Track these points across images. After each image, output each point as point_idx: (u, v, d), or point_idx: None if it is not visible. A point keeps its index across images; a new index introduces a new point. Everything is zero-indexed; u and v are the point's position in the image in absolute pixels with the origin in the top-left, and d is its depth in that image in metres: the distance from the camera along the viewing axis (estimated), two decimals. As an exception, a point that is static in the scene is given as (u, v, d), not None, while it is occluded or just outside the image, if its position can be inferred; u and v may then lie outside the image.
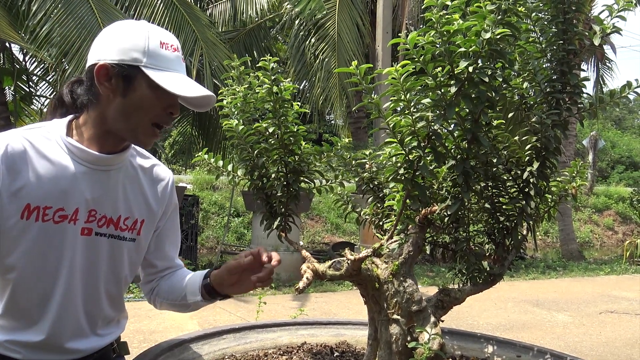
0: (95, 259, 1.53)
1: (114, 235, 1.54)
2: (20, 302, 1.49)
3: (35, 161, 1.44)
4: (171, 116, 1.48)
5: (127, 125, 1.45)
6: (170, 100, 1.44)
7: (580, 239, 15.68)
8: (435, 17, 1.29)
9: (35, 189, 1.42)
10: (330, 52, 10.00)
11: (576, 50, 1.63)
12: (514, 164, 1.67)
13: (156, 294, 1.68)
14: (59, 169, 1.45)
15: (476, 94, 1.34)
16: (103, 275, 1.56)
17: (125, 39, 1.44)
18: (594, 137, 22.97)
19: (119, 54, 1.42)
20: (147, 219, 1.61)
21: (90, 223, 1.50)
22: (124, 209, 1.55)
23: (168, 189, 1.67)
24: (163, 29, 1.50)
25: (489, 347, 1.98)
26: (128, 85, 1.43)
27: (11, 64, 10.37)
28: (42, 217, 1.43)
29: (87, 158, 1.48)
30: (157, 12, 8.72)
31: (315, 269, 1.52)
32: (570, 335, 5.98)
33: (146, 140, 1.49)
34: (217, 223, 14.27)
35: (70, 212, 1.47)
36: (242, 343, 1.93)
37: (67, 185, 1.46)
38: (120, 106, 1.44)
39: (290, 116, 1.72)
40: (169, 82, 1.40)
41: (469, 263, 1.66)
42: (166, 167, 1.69)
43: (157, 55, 1.43)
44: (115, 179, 1.54)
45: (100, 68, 1.42)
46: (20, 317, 1.50)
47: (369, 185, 1.90)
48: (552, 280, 9.78)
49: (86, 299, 1.55)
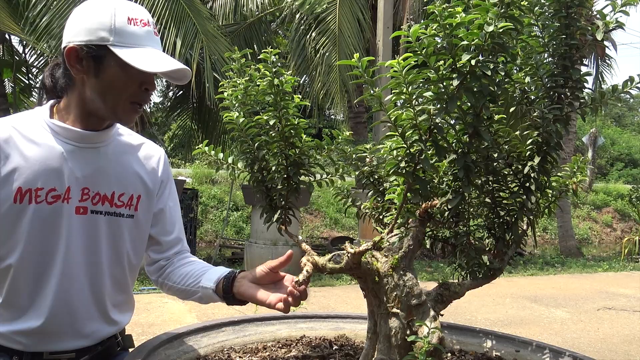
0: (95, 238, 1.53)
1: (111, 212, 1.54)
2: (19, 288, 1.49)
3: (22, 145, 1.44)
4: (147, 92, 1.47)
5: (105, 105, 1.44)
6: (143, 77, 1.42)
7: (578, 235, 15.70)
8: (438, 9, 1.28)
9: (24, 172, 1.42)
10: (331, 46, 9.98)
11: (578, 45, 1.62)
12: (515, 159, 1.67)
13: (166, 277, 1.66)
14: (46, 150, 1.45)
15: (478, 87, 1.33)
16: (105, 255, 1.55)
17: (92, 18, 1.41)
18: (593, 134, 22.99)
19: (87, 35, 1.40)
20: (143, 195, 1.60)
21: (85, 202, 1.50)
22: (118, 185, 1.55)
23: (160, 164, 1.66)
24: (132, 3, 1.47)
25: (487, 342, 1.98)
26: (99, 66, 1.42)
27: (11, 55, 10.35)
28: (34, 199, 1.44)
29: (73, 136, 1.48)
30: (158, 4, 8.70)
31: (315, 262, 1.52)
32: (568, 332, 6.00)
33: (126, 117, 1.48)
34: (216, 217, 14.28)
35: (62, 192, 1.47)
36: (240, 336, 1.93)
37: (56, 165, 1.46)
38: (95, 87, 1.43)
39: (291, 109, 1.71)
40: (137, 58, 1.38)
41: (469, 257, 1.66)
42: (155, 145, 1.68)
43: (125, 32, 1.40)
44: (104, 155, 1.53)
45: (69, 51, 1.41)
46: (19, 304, 1.50)
47: (369, 179, 1.90)
48: (550, 276, 9.80)
49: (91, 279, 1.54)
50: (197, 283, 1.56)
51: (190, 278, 1.60)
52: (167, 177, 1.68)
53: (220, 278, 1.54)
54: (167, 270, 1.65)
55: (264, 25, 11.94)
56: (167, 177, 1.68)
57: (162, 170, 1.66)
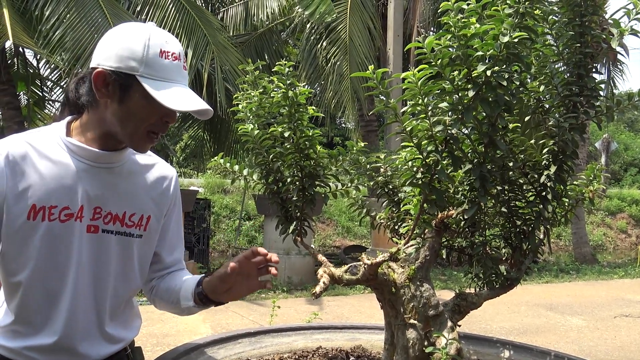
0: (105, 257, 1.53)
1: (121, 232, 1.54)
2: (31, 304, 1.49)
3: (38, 162, 1.45)
4: (167, 124, 1.48)
5: (123, 131, 1.45)
6: (166, 110, 1.44)
7: (593, 242, 15.56)
8: (452, 20, 1.28)
9: (39, 190, 1.43)
10: (342, 55, 9.99)
11: (593, 53, 1.62)
12: (531, 168, 1.66)
13: (154, 293, 1.66)
14: (62, 168, 1.46)
15: (494, 97, 1.33)
16: (113, 273, 1.56)
17: (125, 45, 1.42)
18: (606, 140, 22.83)
19: (117, 61, 1.41)
20: (153, 215, 1.60)
21: (96, 220, 1.51)
22: (129, 205, 1.55)
23: (172, 186, 1.66)
24: (167, 34, 1.48)
25: (505, 352, 1.97)
26: (124, 94, 1.42)
27: (25, 68, 10.46)
28: (48, 216, 1.45)
29: (88, 156, 1.48)
30: (169, 15, 8.76)
31: (332, 274, 1.52)
32: (585, 340, 5.94)
33: (142, 146, 1.49)
34: (229, 226, 14.30)
35: (75, 210, 1.47)
36: (257, 347, 1.93)
37: (70, 184, 1.46)
38: (117, 112, 1.44)
39: (305, 120, 1.71)
40: (164, 94, 1.39)
41: (485, 267, 1.65)
42: (169, 165, 1.69)
43: (155, 65, 1.41)
44: (118, 175, 1.54)
45: (98, 75, 1.42)
46: (31, 320, 1.51)
47: (383, 189, 1.90)
48: (565, 283, 9.72)
49: (96, 297, 1.55)
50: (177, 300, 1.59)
51: (172, 295, 1.62)
52: (176, 199, 1.70)
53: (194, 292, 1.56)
54: (155, 289, 1.66)
55: (275, 35, 11.98)
56: (176, 198, 1.70)
57: (172, 192, 1.68)
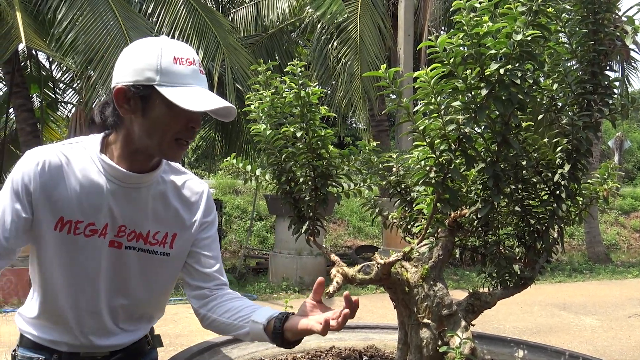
0: (125, 271, 1.58)
1: (144, 249, 1.59)
2: (51, 306, 1.57)
3: (70, 176, 1.49)
4: (193, 130, 1.50)
5: (152, 142, 1.48)
6: (189, 115, 1.45)
7: (606, 241, 15.42)
8: (465, 19, 1.28)
9: (68, 204, 1.48)
10: (353, 55, 9.98)
11: (607, 51, 1.60)
12: (545, 167, 1.65)
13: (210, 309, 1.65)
14: (92, 185, 1.51)
15: (507, 96, 1.32)
16: (134, 286, 1.61)
17: (139, 59, 1.46)
18: (619, 138, 22.64)
19: (134, 75, 1.44)
20: (179, 233, 1.63)
21: (120, 237, 1.55)
22: (153, 224, 1.59)
23: (202, 202, 1.68)
24: (179, 42, 1.51)
25: (519, 352, 1.96)
26: (146, 105, 1.45)
27: (38, 71, 10.55)
28: (74, 230, 1.49)
29: (119, 176, 1.52)
30: (180, 18, 8.80)
31: (345, 273, 1.52)
32: (599, 340, 5.90)
33: (172, 154, 1.51)
34: (240, 227, 14.32)
35: (100, 227, 1.52)
36: (270, 347, 1.93)
37: (98, 202, 1.51)
38: (142, 125, 1.47)
39: (317, 120, 1.72)
40: (183, 98, 1.41)
41: (499, 267, 1.65)
42: (200, 181, 1.71)
43: (170, 72, 1.44)
44: (145, 196, 1.57)
45: (118, 91, 1.45)
46: (53, 320, 1.58)
47: (395, 188, 1.90)
48: (578, 283, 9.65)
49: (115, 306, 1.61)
50: (247, 318, 1.55)
51: (239, 313, 1.59)
52: (210, 213, 1.71)
53: (273, 317, 1.52)
54: (212, 303, 1.64)
55: (285, 35, 11.99)
56: (210, 213, 1.71)
57: (203, 207, 1.69)
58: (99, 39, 7.76)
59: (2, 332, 5.99)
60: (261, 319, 1.51)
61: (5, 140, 11.06)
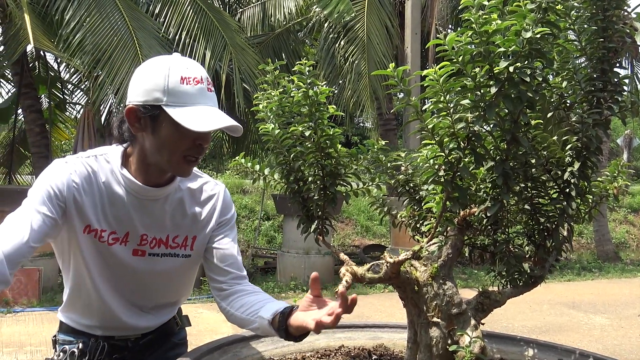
0: (149, 276, 1.70)
1: (167, 254, 1.69)
2: (77, 300, 1.72)
3: (94, 187, 1.59)
4: (201, 147, 1.54)
5: (162, 159, 1.55)
6: (195, 134, 1.49)
7: (615, 239, 15.32)
8: (474, 17, 1.28)
9: (92, 212, 1.58)
10: (360, 54, 9.98)
11: (616, 48, 1.59)
12: (554, 165, 1.64)
13: (229, 304, 1.69)
14: (114, 197, 1.60)
15: (516, 94, 1.32)
16: (158, 286, 1.74)
17: (148, 79, 1.51)
18: (628, 136, 22.52)
19: (144, 95, 1.50)
20: (198, 235, 1.72)
21: (143, 246, 1.66)
22: (172, 229, 1.68)
23: (218, 204, 1.76)
24: (188, 61, 1.55)
25: (529, 350, 1.95)
26: (155, 124, 1.51)
27: (46, 72, 10.59)
28: (99, 237, 1.60)
29: (137, 190, 1.61)
30: (187, 18, 8.82)
31: (354, 272, 1.52)
32: (609, 338, 5.87)
33: (181, 171, 1.59)
34: (248, 226, 14.34)
35: (121, 236, 1.63)
36: (279, 346, 1.94)
37: (120, 212, 1.61)
38: (153, 143, 1.53)
39: (326, 119, 1.71)
40: (187, 118, 1.45)
41: (509, 265, 1.64)
42: (216, 182, 1.78)
43: (177, 92, 1.48)
44: (163, 206, 1.66)
45: (129, 111, 1.52)
46: (81, 311, 1.75)
47: (404, 187, 1.89)
48: (588, 282, 9.62)
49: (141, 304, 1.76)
50: (256, 313, 1.58)
51: (251, 307, 1.63)
52: (227, 212, 1.79)
53: (278, 311, 1.54)
54: (230, 297, 1.70)
55: (292, 35, 12.00)
56: (227, 212, 1.79)
57: (220, 208, 1.76)
58: (106, 39, 7.79)
59: (13, 331, 6.03)
60: (266, 315, 1.55)
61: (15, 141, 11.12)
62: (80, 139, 8.59)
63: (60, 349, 1.73)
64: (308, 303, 1.50)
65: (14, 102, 10.24)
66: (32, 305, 7.15)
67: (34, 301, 7.26)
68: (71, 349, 1.70)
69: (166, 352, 1.85)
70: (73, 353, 1.69)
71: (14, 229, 1.43)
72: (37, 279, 7.37)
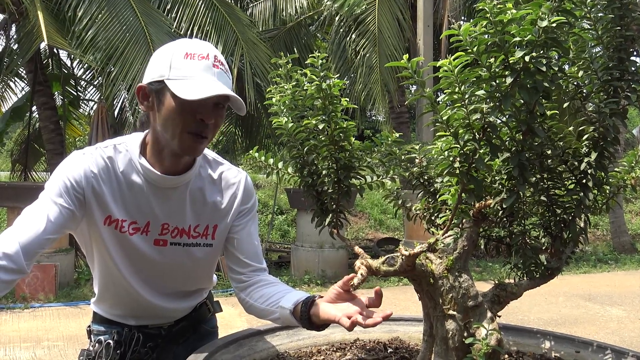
0: (170, 266, 1.70)
1: (188, 244, 1.68)
2: (106, 291, 1.75)
3: (113, 178, 1.59)
4: (203, 123, 1.51)
5: (167, 137, 1.54)
6: (195, 107, 1.47)
7: (632, 231, 15.20)
8: (488, 6, 1.26)
9: (112, 203, 1.58)
10: (371, 47, 9.95)
11: (634, 37, 1.57)
12: (571, 155, 1.63)
13: (248, 294, 1.71)
14: (133, 187, 1.60)
15: (532, 84, 1.30)
16: (181, 274, 1.74)
17: (157, 59, 1.53)
18: (644, 126, 22.28)
19: (152, 74, 1.52)
20: (220, 224, 1.72)
21: (164, 235, 1.65)
22: (192, 219, 1.68)
23: (239, 191, 1.75)
24: (198, 41, 1.57)
25: (545, 343, 1.94)
26: (159, 100, 1.51)
27: (59, 69, 10.66)
28: (119, 228, 1.60)
29: (155, 179, 1.60)
30: (198, 13, 8.84)
31: (369, 265, 1.51)
32: (626, 330, 5.83)
33: (188, 149, 1.56)
34: (261, 221, 14.39)
35: (142, 225, 1.62)
36: (294, 340, 1.94)
37: (139, 202, 1.61)
38: (159, 120, 1.53)
39: (339, 112, 1.71)
40: (183, 88, 1.45)
41: (525, 257, 1.63)
42: (238, 170, 1.77)
43: (180, 66, 1.48)
44: (183, 194, 1.65)
45: (138, 89, 1.54)
46: (111, 301, 1.78)
47: (419, 179, 1.88)
48: (604, 273, 9.55)
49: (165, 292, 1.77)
50: (277, 303, 1.59)
51: (271, 298, 1.64)
52: (248, 201, 1.78)
53: (300, 301, 1.54)
54: (249, 288, 1.71)
55: (303, 29, 11.99)
56: (248, 200, 1.78)
57: (241, 196, 1.75)
58: (118, 35, 7.83)
59: (30, 327, 6.10)
60: (288, 305, 1.55)
61: (30, 138, 11.22)
62: (94, 135, 8.65)
63: (95, 340, 1.74)
64: (335, 295, 1.50)
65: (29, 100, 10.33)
66: (49, 301, 7.22)
67: (50, 297, 7.34)
68: (107, 341, 1.71)
69: (198, 340, 1.88)
70: (109, 345, 1.70)
71: (31, 221, 1.44)
72: (53, 274, 7.44)
